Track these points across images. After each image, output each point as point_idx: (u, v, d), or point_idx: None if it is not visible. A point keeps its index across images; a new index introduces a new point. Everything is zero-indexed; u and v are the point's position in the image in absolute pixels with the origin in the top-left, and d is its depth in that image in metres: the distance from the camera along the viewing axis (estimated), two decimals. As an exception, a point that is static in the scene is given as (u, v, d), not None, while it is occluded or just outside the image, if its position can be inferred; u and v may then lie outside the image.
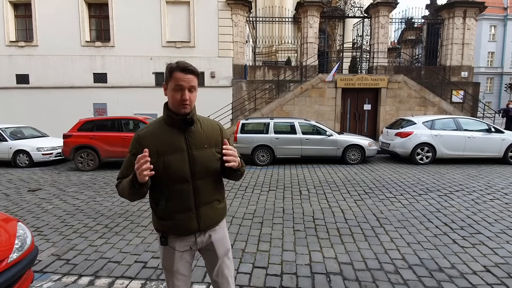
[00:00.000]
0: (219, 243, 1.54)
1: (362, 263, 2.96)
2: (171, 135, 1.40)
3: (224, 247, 1.56)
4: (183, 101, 1.35)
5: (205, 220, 1.46)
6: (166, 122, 1.42)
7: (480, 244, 3.34)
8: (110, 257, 3.09)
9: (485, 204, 4.68)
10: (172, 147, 1.38)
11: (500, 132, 7.98)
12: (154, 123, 1.45)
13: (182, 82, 1.33)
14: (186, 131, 1.42)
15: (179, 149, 1.39)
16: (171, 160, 1.37)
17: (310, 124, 8.43)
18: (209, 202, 1.47)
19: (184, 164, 1.39)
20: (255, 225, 3.92)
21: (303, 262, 2.98)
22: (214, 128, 1.52)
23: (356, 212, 4.37)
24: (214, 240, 1.52)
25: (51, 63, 12.42)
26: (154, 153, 1.34)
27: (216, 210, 1.52)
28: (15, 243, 2.07)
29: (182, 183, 1.39)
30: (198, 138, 1.43)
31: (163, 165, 1.36)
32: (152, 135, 1.40)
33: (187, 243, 1.47)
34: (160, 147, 1.37)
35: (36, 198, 5.29)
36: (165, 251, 1.48)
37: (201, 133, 1.45)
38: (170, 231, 1.44)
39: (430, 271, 2.81)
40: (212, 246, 1.52)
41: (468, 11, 12.99)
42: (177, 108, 1.37)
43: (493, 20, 35.08)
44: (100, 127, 8.05)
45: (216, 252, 1.53)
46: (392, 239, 3.47)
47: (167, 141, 1.39)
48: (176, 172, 1.37)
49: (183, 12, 12.44)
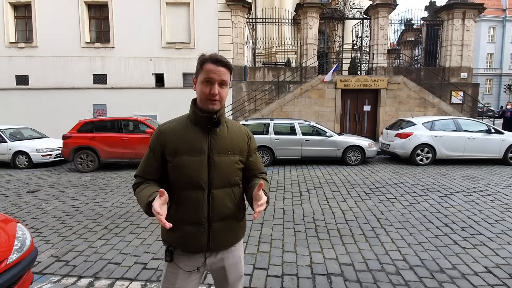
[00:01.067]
0: (232, 269, 1.35)
1: (363, 264, 2.94)
2: (193, 134, 1.26)
3: (237, 273, 1.37)
4: (211, 96, 1.21)
5: (217, 239, 1.27)
6: (191, 119, 1.28)
7: (481, 245, 3.33)
8: (110, 259, 3.08)
9: (486, 205, 4.68)
10: (191, 147, 1.24)
11: (499, 133, 7.99)
12: (178, 119, 1.33)
13: (212, 74, 1.20)
14: (211, 132, 1.27)
15: (199, 151, 1.24)
16: (188, 162, 1.23)
17: (310, 125, 8.43)
18: (224, 218, 1.27)
19: (201, 168, 1.23)
20: (256, 226, 3.91)
21: (304, 263, 2.96)
22: (242, 134, 1.37)
23: (356, 213, 4.36)
24: (227, 265, 1.33)
25: (50, 64, 12.42)
26: (171, 151, 1.24)
27: (232, 229, 1.32)
28: (15, 244, 2.06)
29: (195, 190, 1.23)
30: (222, 142, 1.28)
31: (177, 167, 1.23)
32: (173, 132, 1.27)
33: (195, 262, 1.28)
34: (178, 146, 1.24)
35: (35, 199, 5.27)
36: (169, 269, 1.29)
37: (227, 137, 1.30)
38: (177, 244, 1.28)
39: (431, 272, 2.80)
40: (223, 271, 1.34)
41: (467, 12, 13.03)
42: (205, 104, 1.23)
43: (492, 21, 35.23)
44: (99, 128, 8.04)
45: (227, 278, 1.35)
46: (393, 240, 3.46)
47: (187, 140, 1.25)
48: (192, 176, 1.22)
49: (183, 13, 12.46)
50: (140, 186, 1.27)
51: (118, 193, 5.60)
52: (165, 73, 12.61)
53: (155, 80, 12.65)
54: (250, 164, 1.37)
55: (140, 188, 1.26)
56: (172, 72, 12.56)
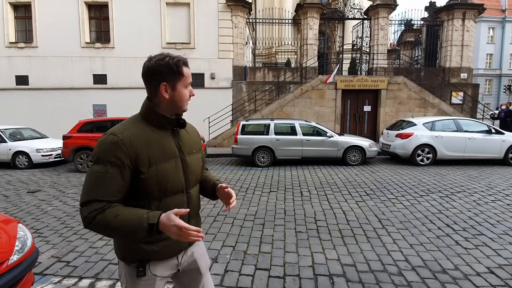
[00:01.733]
0: (202, 258, 1.38)
1: (365, 264, 2.94)
2: (161, 139, 1.18)
3: (206, 261, 1.42)
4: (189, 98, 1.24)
5: None
6: (153, 123, 1.18)
7: (483, 246, 3.33)
8: (111, 259, 3.06)
9: (487, 205, 4.67)
10: (164, 153, 1.17)
11: (500, 133, 7.99)
12: (133, 124, 1.17)
13: (190, 78, 1.22)
14: (175, 135, 1.24)
15: (172, 155, 1.19)
16: (165, 169, 1.15)
17: (311, 125, 8.42)
18: (197, 213, 1.34)
19: (179, 172, 1.20)
20: (257, 227, 3.90)
21: (306, 263, 2.95)
22: (196, 131, 1.41)
23: (357, 214, 4.35)
24: (197, 256, 1.36)
25: (50, 64, 12.40)
26: (145, 161, 1.11)
27: (199, 222, 1.40)
28: (16, 245, 2.05)
29: (177, 194, 1.20)
30: (187, 142, 1.28)
31: (156, 176, 1.13)
32: (140, 139, 1.12)
33: (170, 266, 1.25)
34: (151, 153, 1.13)
35: (35, 199, 5.26)
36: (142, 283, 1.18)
37: (188, 136, 1.31)
38: (154, 256, 1.18)
39: (434, 272, 2.79)
40: (195, 264, 1.35)
41: (467, 13, 13.05)
42: (183, 107, 1.22)
43: (491, 22, 35.28)
44: (100, 128, 8.03)
45: (200, 268, 1.36)
46: (394, 241, 3.46)
47: (157, 146, 1.16)
48: (172, 182, 1.17)
49: (183, 14, 12.45)
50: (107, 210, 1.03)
51: (119, 194, 5.58)
52: (165, 73, 12.58)
53: (155, 80, 12.62)
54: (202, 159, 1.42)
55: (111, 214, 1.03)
56: (172, 72, 12.53)
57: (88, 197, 1.05)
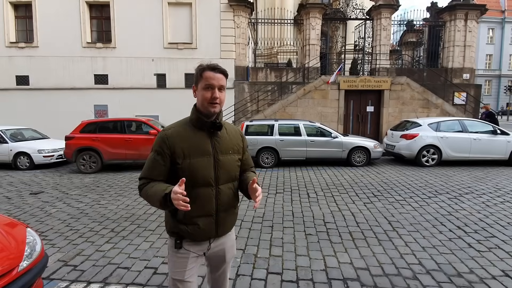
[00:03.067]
0: (230, 249, 1.59)
1: (379, 268, 2.88)
2: (199, 138, 1.40)
3: (232, 253, 1.63)
4: (213, 100, 1.35)
5: (223, 226, 1.48)
6: (194, 124, 1.42)
7: (496, 248, 3.28)
8: (119, 263, 3.00)
9: (496, 207, 4.63)
10: (199, 150, 1.38)
11: (505, 134, 7.94)
12: (180, 124, 1.45)
13: (212, 81, 1.35)
14: (213, 135, 1.42)
15: (206, 153, 1.39)
16: (197, 163, 1.37)
17: (315, 126, 8.37)
18: (227, 208, 1.48)
19: (209, 168, 1.39)
20: (266, 229, 3.84)
21: (318, 267, 2.90)
22: (237, 134, 1.55)
23: (367, 216, 4.30)
24: (227, 246, 1.56)
25: (51, 64, 12.32)
26: (180, 154, 1.36)
27: (232, 217, 1.54)
28: (25, 250, 1.98)
29: (206, 187, 1.39)
30: (224, 143, 1.45)
31: (189, 168, 1.36)
32: (179, 136, 1.38)
33: (202, 248, 1.47)
34: (186, 149, 1.37)
35: (38, 201, 5.18)
36: (179, 255, 1.44)
37: (227, 138, 1.47)
38: (187, 235, 1.42)
39: (449, 276, 2.74)
40: (223, 252, 1.55)
41: (469, 13, 13.02)
42: (207, 107, 1.37)
43: (491, 23, 35.35)
44: (102, 129, 7.95)
45: (225, 257, 1.57)
46: (406, 243, 3.40)
47: (194, 144, 1.38)
48: (202, 175, 1.37)
49: (185, 14, 12.39)
50: (148, 185, 1.36)
51: (123, 195, 5.52)
52: (167, 74, 12.53)
53: (157, 81, 12.56)
54: (243, 160, 1.56)
55: (149, 186, 1.36)
56: (174, 72, 12.48)
57: (141, 175, 1.43)
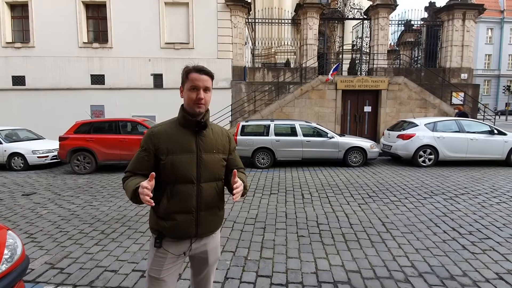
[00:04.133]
0: (212, 252, 1.57)
1: (371, 271, 2.83)
2: (183, 136, 1.44)
3: (215, 256, 1.61)
4: (198, 100, 1.40)
5: (204, 226, 1.47)
6: (180, 123, 1.46)
7: (490, 250, 3.24)
8: (106, 266, 2.95)
9: (492, 208, 4.58)
10: (182, 147, 1.42)
11: (502, 134, 7.90)
12: (168, 122, 1.50)
13: (197, 82, 1.39)
14: (198, 134, 1.46)
15: (189, 150, 1.43)
16: (180, 160, 1.40)
17: (311, 126, 8.32)
18: (210, 207, 1.48)
19: (191, 165, 1.42)
20: (258, 231, 3.79)
21: (309, 270, 2.85)
22: (224, 135, 1.58)
23: (361, 217, 4.25)
24: (209, 248, 1.55)
25: (47, 64, 12.26)
26: (164, 151, 1.40)
27: (216, 217, 1.53)
28: (4, 253, 1.93)
29: (187, 184, 1.41)
30: (208, 142, 1.48)
31: (171, 164, 1.39)
32: (165, 134, 1.44)
33: (182, 248, 1.47)
34: (170, 146, 1.41)
35: (30, 202, 5.13)
36: (157, 254, 1.46)
37: (212, 138, 1.50)
38: (167, 232, 1.43)
39: (442, 279, 2.69)
40: (205, 254, 1.54)
41: (467, 13, 13.01)
42: (192, 107, 1.42)
43: (490, 23, 35.38)
44: (97, 129, 7.89)
45: (208, 260, 1.56)
46: (399, 245, 3.36)
47: (178, 141, 1.42)
48: (183, 172, 1.40)
49: (182, 14, 12.34)
50: (129, 178, 1.42)
51: (116, 196, 5.46)
52: (164, 74, 12.48)
53: (154, 81, 12.52)
54: (230, 160, 1.57)
55: (128, 180, 1.41)
56: (171, 72, 12.43)
57: (126, 169, 1.48)
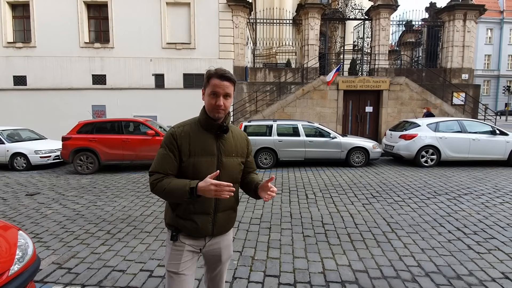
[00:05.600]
0: (226, 250, 1.61)
1: (377, 270, 2.85)
2: (205, 138, 1.45)
3: (228, 254, 1.64)
4: (217, 107, 1.40)
5: (219, 226, 1.51)
6: (202, 125, 1.47)
7: (495, 250, 3.25)
8: (114, 266, 2.96)
9: (496, 208, 4.60)
10: (204, 150, 1.43)
11: (504, 134, 7.92)
12: (189, 123, 1.49)
13: (217, 88, 1.39)
14: (219, 137, 1.47)
15: (210, 153, 1.44)
16: (201, 162, 1.42)
17: (314, 126, 8.34)
18: (226, 209, 1.51)
19: (212, 168, 1.42)
20: (263, 231, 3.80)
21: (316, 270, 2.86)
22: (243, 138, 1.60)
23: (365, 217, 4.26)
24: (222, 246, 1.58)
25: (49, 64, 12.26)
26: (186, 152, 1.41)
27: (230, 218, 1.57)
28: (16, 254, 1.93)
29: None
30: (229, 146, 1.49)
31: (193, 166, 1.41)
32: (187, 135, 1.44)
33: (197, 244, 1.51)
34: (192, 148, 1.42)
35: (34, 202, 5.13)
36: (174, 248, 1.48)
37: (232, 141, 1.51)
38: (184, 230, 1.47)
39: (448, 278, 2.71)
40: (218, 251, 1.58)
41: (468, 13, 13.03)
42: (211, 112, 1.42)
43: (489, 23, 35.42)
44: (100, 129, 7.90)
45: (221, 257, 1.60)
46: (405, 245, 3.37)
47: (199, 144, 1.43)
48: (204, 174, 1.37)
49: (183, 14, 12.35)
50: (164, 180, 1.38)
51: (120, 196, 5.47)
52: (165, 74, 12.48)
53: (155, 81, 12.52)
54: (247, 163, 1.61)
55: (166, 182, 1.37)
56: (172, 72, 12.44)
57: (152, 169, 1.43)
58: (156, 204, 4.93)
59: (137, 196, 5.44)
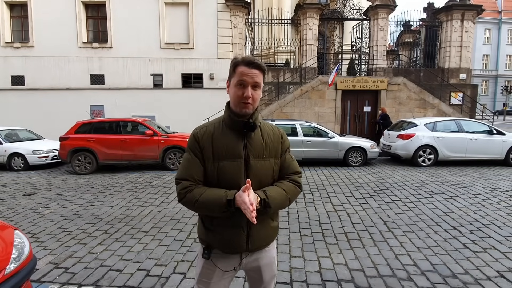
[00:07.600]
0: (267, 268, 1.39)
1: (374, 269, 2.86)
2: (230, 139, 1.25)
3: (271, 273, 1.41)
4: (245, 99, 1.20)
5: (255, 240, 1.29)
6: (226, 123, 1.28)
7: (491, 249, 3.27)
8: (111, 265, 2.96)
9: (492, 207, 4.63)
10: (229, 152, 1.24)
11: (501, 134, 7.97)
12: (213, 123, 1.32)
13: (245, 77, 1.19)
14: (246, 136, 1.27)
15: (236, 156, 1.24)
16: (226, 167, 1.23)
17: (312, 126, 8.36)
18: (261, 219, 1.25)
19: (239, 173, 1.23)
20: (260, 230, 3.81)
21: (313, 269, 2.87)
22: (276, 135, 1.35)
23: (362, 216, 4.28)
24: (262, 264, 1.37)
25: (47, 64, 12.23)
26: (209, 156, 1.24)
27: (268, 229, 1.34)
28: (13, 253, 1.94)
29: None
30: (258, 145, 1.27)
31: (217, 172, 1.23)
32: (210, 136, 1.26)
33: (232, 262, 1.32)
34: (216, 151, 1.24)
35: (32, 202, 5.13)
36: (205, 266, 1.32)
37: (261, 140, 1.29)
38: (216, 245, 1.30)
39: (444, 277, 2.72)
40: (258, 270, 1.37)
41: (466, 14, 13.08)
42: (238, 107, 1.23)
43: (487, 23, 35.54)
44: (98, 129, 7.89)
45: (262, 277, 1.39)
46: (401, 244, 3.39)
47: (224, 145, 1.24)
48: (229, 181, 1.22)
49: (182, 14, 12.35)
50: (195, 190, 1.22)
51: (117, 196, 5.47)
52: (164, 74, 12.48)
53: (154, 81, 12.51)
54: (282, 164, 1.35)
55: (197, 192, 1.21)
56: (170, 72, 12.44)
57: (179, 176, 1.27)
58: (154, 204, 4.94)
59: (135, 196, 5.44)
